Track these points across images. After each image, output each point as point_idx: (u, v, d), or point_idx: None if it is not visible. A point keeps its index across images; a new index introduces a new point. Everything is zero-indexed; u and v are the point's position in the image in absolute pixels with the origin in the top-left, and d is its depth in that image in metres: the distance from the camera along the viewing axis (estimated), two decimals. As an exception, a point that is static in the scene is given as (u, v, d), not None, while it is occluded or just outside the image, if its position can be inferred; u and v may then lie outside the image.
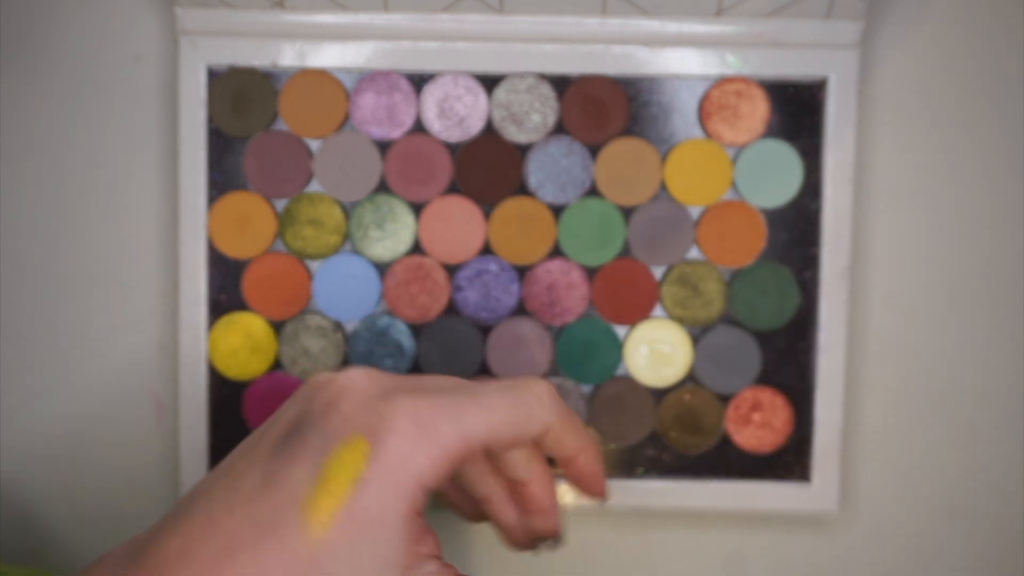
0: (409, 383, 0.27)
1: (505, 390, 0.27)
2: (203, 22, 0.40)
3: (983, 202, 0.42)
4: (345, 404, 0.25)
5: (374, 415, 0.25)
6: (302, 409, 0.26)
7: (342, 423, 0.25)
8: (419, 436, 0.25)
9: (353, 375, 0.26)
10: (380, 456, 0.24)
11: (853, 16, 0.40)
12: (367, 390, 0.26)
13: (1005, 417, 0.43)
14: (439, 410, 0.25)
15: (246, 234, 0.41)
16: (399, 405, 0.25)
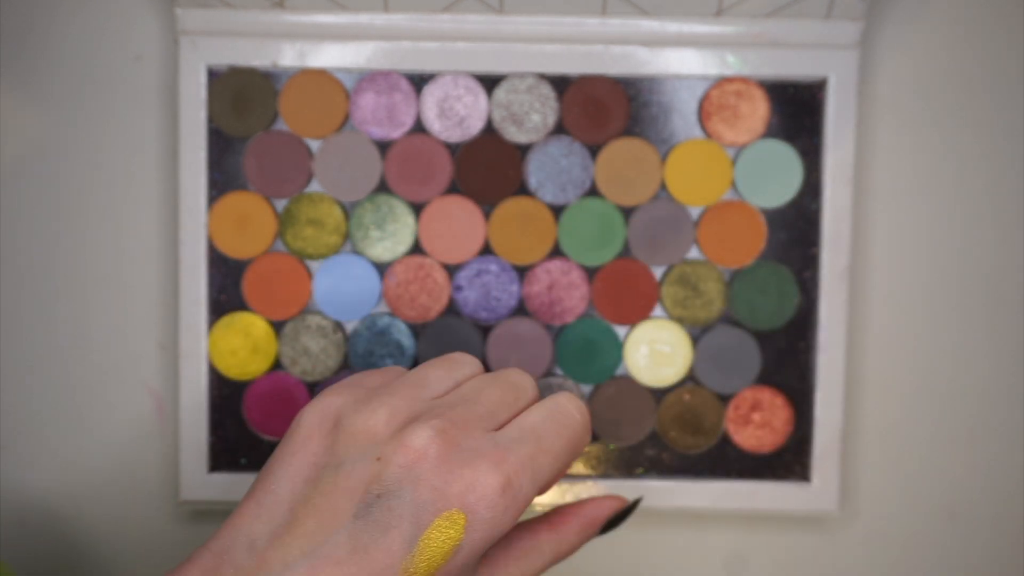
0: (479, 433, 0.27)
1: (566, 430, 0.29)
2: (203, 22, 0.40)
3: (983, 202, 0.42)
4: (430, 473, 0.26)
5: (466, 484, 0.26)
6: (375, 470, 0.26)
7: (432, 494, 0.26)
8: (509, 504, 0.26)
9: (423, 436, 0.27)
10: (475, 525, 0.26)
11: (853, 16, 0.40)
12: (447, 454, 0.26)
13: (1005, 417, 0.43)
14: (523, 473, 0.27)
15: (246, 234, 0.41)
16: (486, 471, 0.26)
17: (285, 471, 0.28)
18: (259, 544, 0.26)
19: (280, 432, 0.41)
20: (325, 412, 0.28)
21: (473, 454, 0.27)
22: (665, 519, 0.43)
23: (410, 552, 0.25)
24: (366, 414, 0.28)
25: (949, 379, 0.43)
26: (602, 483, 0.41)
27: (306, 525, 0.26)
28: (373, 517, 0.26)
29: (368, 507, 0.26)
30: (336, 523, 0.26)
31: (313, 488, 0.27)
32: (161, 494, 0.42)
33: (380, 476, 0.26)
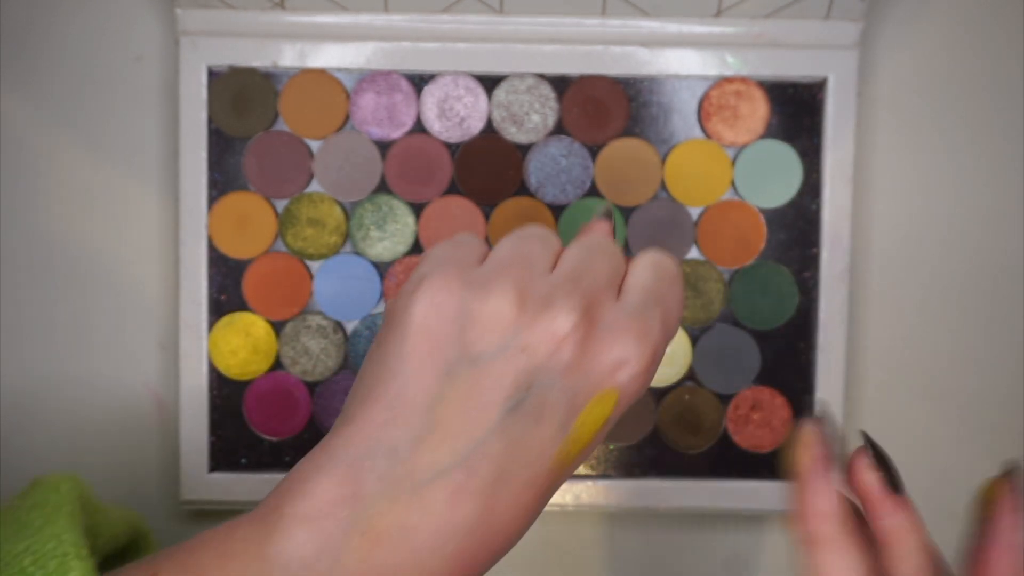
0: (611, 302, 0.27)
1: (675, 285, 0.28)
2: (203, 22, 0.40)
3: (982, 202, 0.42)
4: (579, 357, 0.25)
5: (614, 359, 0.26)
6: (523, 362, 0.25)
7: (584, 378, 0.25)
8: (653, 369, 0.26)
9: (566, 320, 0.25)
10: (624, 400, 0.26)
11: (853, 17, 0.40)
12: (592, 335, 0.26)
13: (1004, 416, 0.43)
14: (663, 340, 0.27)
15: (246, 234, 0.41)
16: (632, 346, 0.26)
17: (409, 369, 0.25)
18: (402, 450, 0.24)
19: (280, 432, 0.41)
20: (438, 301, 0.26)
21: (616, 330, 0.26)
22: (665, 519, 0.43)
23: (563, 436, 0.25)
24: (493, 301, 0.26)
25: (948, 379, 0.43)
26: (602, 483, 0.41)
27: (451, 426, 0.25)
28: (525, 410, 0.25)
29: (519, 401, 0.25)
30: (485, 420, 0.25)
31: (450, 385, 0.25)
32: (162, 494, 0.42)
33: (528, 367, 0.25)
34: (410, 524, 0.24)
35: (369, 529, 0.24)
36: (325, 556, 0.23)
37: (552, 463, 0.25)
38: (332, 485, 0.24)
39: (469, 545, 0.24)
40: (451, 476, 0.24)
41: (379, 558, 0.24)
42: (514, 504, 0.25)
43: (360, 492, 0.24)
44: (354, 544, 0.24)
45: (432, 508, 0.24)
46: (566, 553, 0.43)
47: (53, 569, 0.25)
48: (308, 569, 0.23)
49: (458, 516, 0.24)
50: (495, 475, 0.24)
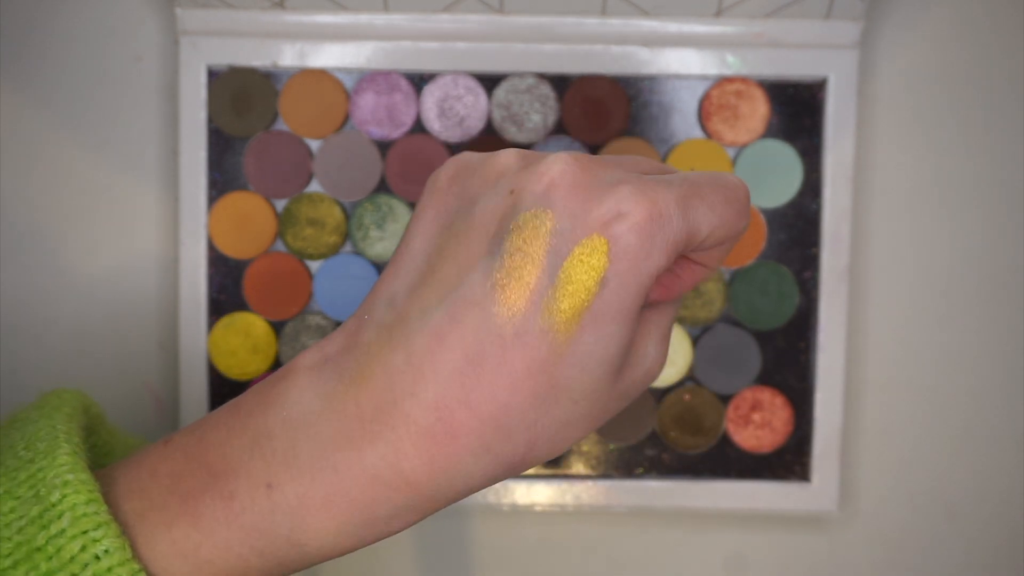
0: (622, 168, 0.25)
1: (725, 189, 0.25)
2: (203, 22, 0.40)
3: (982, 202, 0.42)
4: (567, 199, 0.24)
5: (607, 209, 0.23)
6: (509, 202, 0.24)
7: (571, 221, 0.23)
8: (656, 228, 0.23)
9: (559, 161, 0.24)
10: (620, 254, 0.23)
11: (853, 16, 0.40)
12: (584, 180, 0.24)
13: (1004, 417, 0.43)
14: (674, 204, 0.24)
15: (246, 234, 0.41)
16: (631, 197, 0.23)
17: (418, 225, 0.26)
18: (398, 299, 0.25)
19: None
20: (457, 164, 0.26)
21: (615, 181, 0.24)
22: (665, 519, 0.43)
23: (551, 285, 0.23)
24: (499, 157, 0.25)
25: (949, 379, 0.43)
26: (602, 483, 0.41)
27: (442, 271, 0.24)
28: (508, 251, 0.24)
29: (502, 242, 0.24)
30: (471, 264, 0.24)
31: (447, 234, 0.25)
32: (161, 494, 0.42)
33: (514, 207, 0.24)
34: (393, 366, 0.24)
35: (359, 373, 0.24)
36: (318, 400, 0.24)
37: (543, 322, 0.23)
38: (340, 337, 0.25)
39: (449, 396, 0.23)
40: (434, 319, 0.24)
41: (364, 400, 0.24)
42: (502, 363, 0.23)
43: (359, 340, 0.25)
44: (343, 387, 0.24)
45: (415, 351, 0.23)
46: (566, 553, 0.43)
47: (42, 449, 0.25)
48: (301, 411, 0.24)
49: (438, 361, 0.23)
50: (478, 323, 0.23)
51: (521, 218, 0.23)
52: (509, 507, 0.41)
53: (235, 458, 0.24)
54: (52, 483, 0.24)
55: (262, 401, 0.25)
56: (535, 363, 0.23)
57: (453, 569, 0.43)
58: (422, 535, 0.43)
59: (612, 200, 0.23)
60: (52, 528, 0.23)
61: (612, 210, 0.23)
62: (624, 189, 0.23)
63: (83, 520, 0.23)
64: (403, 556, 0.43)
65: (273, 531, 0.24)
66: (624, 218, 0.23)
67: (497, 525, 0.43)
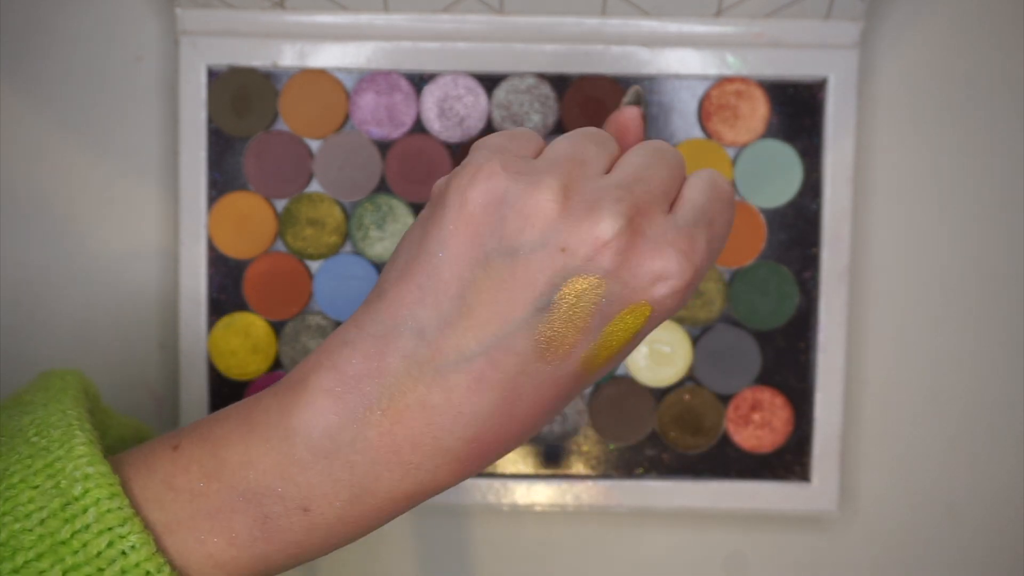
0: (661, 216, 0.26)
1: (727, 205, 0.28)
2: (203, 22, 0.40)
3: (982, 202, 0.42)
4: (619, 265, 0.25)
5: (654, 273, 0.25)
6: (560, 263, 0.25)
7: (620, 287, 0.25)
8: (690, 288, 0.26)
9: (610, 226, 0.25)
10: (659, 314, 0.26)
11: (853, 16, 0.40)
12: (635, 244, 0.25)
13: (1004, 417, 0.43)
14: (707, 261, 0.26)
15: (246, 234, 0.41)
16: (676, 263, 0.25)
17: (446, 252, 0.25)
18: (429, 332, 0.25)
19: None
20: (485, 188, 0.25)
21: (660, 243, 0.25)
22: (665, 519, 0.43)
23: (593, 342, 0.25)
24: (538, 194, 0.25)
25: (949, 379, 0.43)
26: (602, 483, 0.41)
27: (481, 314, 0.25)
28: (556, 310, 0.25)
29: (551, 300, 0.25)
30: (514, 314, 0.24)
31: (484, 274, 0.25)
32: (161, 494, 0.42)
33: (565, 268, 0.24)
34: (430, 403, 0.24)
35: (391, 405, 0.24)
36: (347, 428, 0.24)
37: (578, 367, 0.25)
38: (359, 359, 0.25)
39: (486, 431, 0.25)
40: (474, 364, 0.24)
41: (399, 433, 0.24)
42: (535, 400, 0.25)
43: (385, 368, 0.25)
44: (375, 418, 0.24)
45: (453, 392, 0.24)
46: (566, 553, 0.43)
47: (57, 437, 0.25)
48: (330, 440, 0.24)
49: (477, 403, 0.24)
50: (518, 369, 0.25)
51: (573, 283, 0.24)
52: (509, 507, 0.41)
53: (264, 483, 0.24)
54: (72, 475, 0.24)
55: (280, 423, 0.25)
56: (562, 393, 0.26)
57: (453, 569, 0.43)
58: (422, 535, 0.43)
59: (659, 266, 0.25)
60: (77, 523, 0.23)
61: (658, 275, 0.25)
62: (669, 254, 0.25)
63: (108, 516, 0.23)
64: (403, 556, 0.43)
65: (310, 542, 0.25)
66: (668, 282, 0.25)
67: (497, 525, 0.43)
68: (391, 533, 0.43)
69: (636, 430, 0.41)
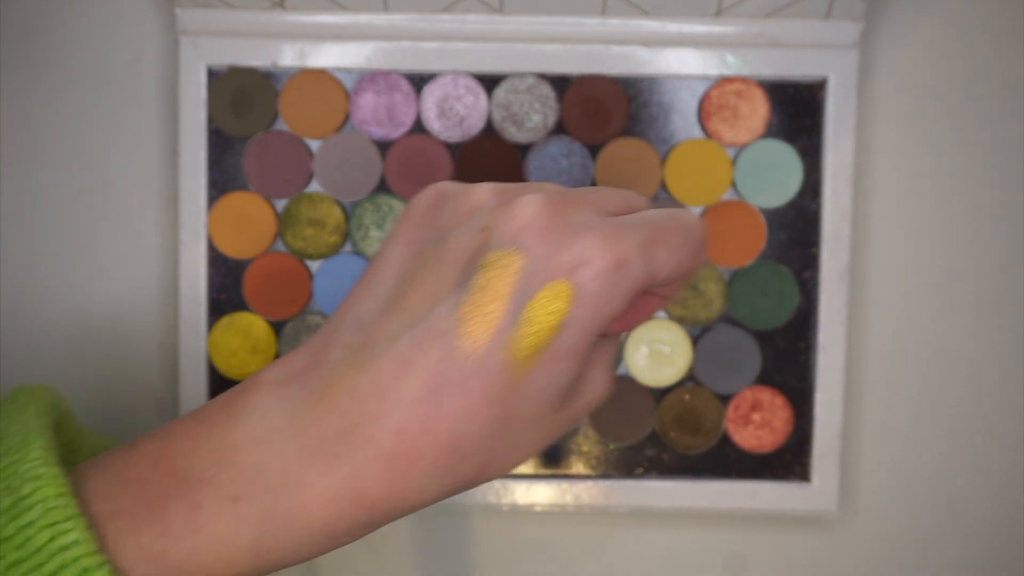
0: (590, 211, 0.26)
1: (684, 232, 0.27)
2: (203, 22, 0.40)
3: (983, 201, 0.42)
4: (537, 241, 0.25)
5: (574, 255, 0.24)
6: (481, 239, 0.25)
7: (539, 264, 0.24)
8: (618, 277, 0.25)
9: (531, 203, 0.25)
10: (582, 300, 0.24)
11: (853, 16, 0.40)
12: (554, 225, 0.25)
13: (1004, 416, 0.43)
14: (637, 252, 0.25)
15: (246, 234, 0.41)
16: (597, 244, 0.25)
17: (392, 251, 0.27)
18: (366, 321, 0.26)
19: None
20: (433, 191, 0.27)
21: (583, 226, 0.25)
22: (665, 519, 0.43)
23: (515, 324, 0.24)
24: (475, 190, 0.27)
25: (949, 379, 0.43)
26: (602, 483, 0.41)
27: (411, 299, 0.25)
28: (474, 286, 0.25)
29: (471, 277, 0.25)
30: (439, 294, 0.25)
31: (418, 263, 0.26)
32: (161, 494, 0.42)
33: (485, 244, 0.25)
34: (359, 389, 0.24)
35: (325, 392, 0.25)
36: (282, 415, 0.25)
37: (503, 355, 0.24)
38: (306, 355, 0.26)
39: (412, 423, 0.24)
40: (401, 346, 0.24)
41: (328, 420, 0.24)
42: (462, 391, 0.24)
43: (325, 359, 0.25)
44: (309, 405, 0.25)
45: (380, 375, 0.24)
46: (566, 553, 0.43)
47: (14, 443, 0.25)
48: (265, 425, 0.25)
49: (402, 388, 0.24)
50: (442, 352, 0.24)
51: (491, 256, 0.25)
52: (509, 507, 0.42)
53: (201, 468, 0.24)
54: (24, 476, 0.24)
55: (226, 413, 0.25)
56: (493, 395, 0.24)
57: (453, 569, 0.43)
58: (422, 535, 0.43)
59: (579, 246, 0.24)
60: (22, 519, 0.23)
61: (578, 256, 0.24)
62: (591, 236, 0.25)
63: (53, 512, 0.23)
64: (403, 556, 0.43)
65: (238, 541, 0.24)
66: (589, 265, 0.24)
67: (497, 525, 0.43)
68: (391, 533, 0.43)
69: (636, 430, 0.41)
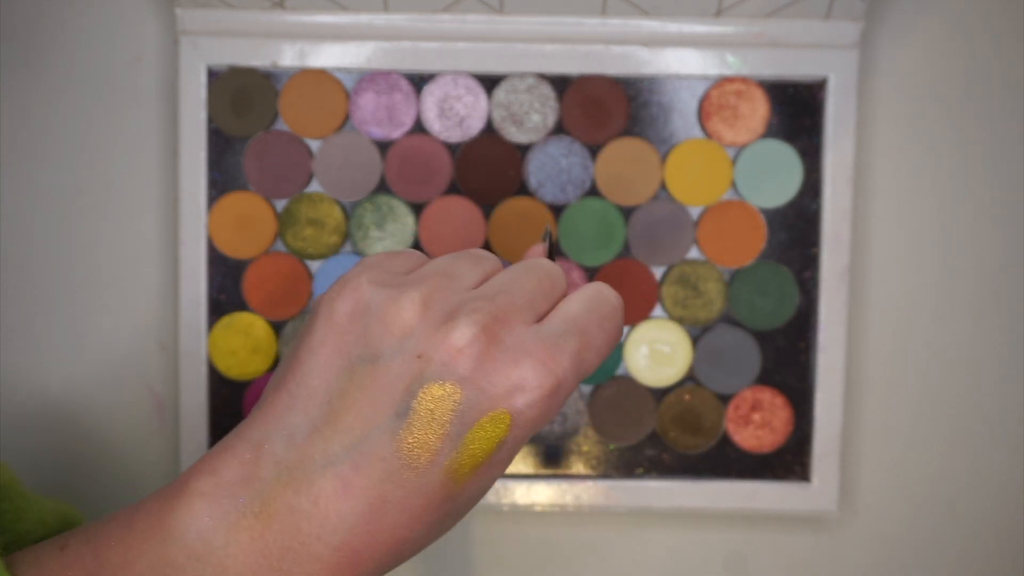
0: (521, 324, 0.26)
1: (607, 323, 0.28)
2: (203, 22, 0.40)
3: (983, 201, 0.42)
4: (475, 373, 0.25)
5: (512, 384, 0.25)
6: (417, 369, 0.25)
7: (477, 394, 0.25)
8: (555, 400, 0.26)
9: (466, 335, 0.25)
10: (520, 424, 0.25)
11: (853, 16, 0.40)
12: (489, 353, 0.25)
13: (1004, 416, 0.43)
14: (571, 371, 0.26)
15: (246, 234, 0.41)
16: (533, 372, 0.25)
17: (315, 361, 0.26)
18: (298, 437, 0.26)
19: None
20: (351, 299, 0.27)
21: (519, 352, 0.26)
22: (665, 519, 0.43)
23: (454, 450, 0.25)
24: (399, 303, 0.26)
25: (949, 379, 0.43)
26: (602, 483, 0.41)
27: (345, 420, 0.25)
28: (415, 415, 0.25)
29: (409, 407, 0.25)
30: (377, 419, 0.25)
31: (348, 380, 0.26)
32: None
33: (421, 375, 0.25)
34: (299, 509, 0.25)
35: (262, 510, 0.25)
36: (220, 532, 0.25)
37: (444, 476, 0.25)
38: (235, 465, 0.25)
39: (354, 539, 0.25)
40: (340, 468, 0.25)
41: (269, 538, 0.25)
42: (403, 510, 0.25)
43: (258, 474, 0.25)
44: (247, 523, 0.25)
45: (320, 497, 0.25)
46: (566, 553, 0.43)
47: None
48: (204, 543, 0.25)
49: (343, 509, 0.25)
50: (383, 476, 0.25)
51: (431, 390, 0.25)
52: (509, 507, 0.41)
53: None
54: None
55: (157, 526, 0.25)
56: (432, 505, 0.25)
57: (453, 569, 0.43)
58: (422, 535, 0.43)
59: (517, 374, 0.25)
60: None
61: (517, 384, 0.25)
62: (527, 363, 0.25)
63: None
64: (403, 556, 0.43)
65: None
66: (527, 393, 0.25)
67: (497, 525, 0.43)
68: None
69: (636, 430, 0.41)
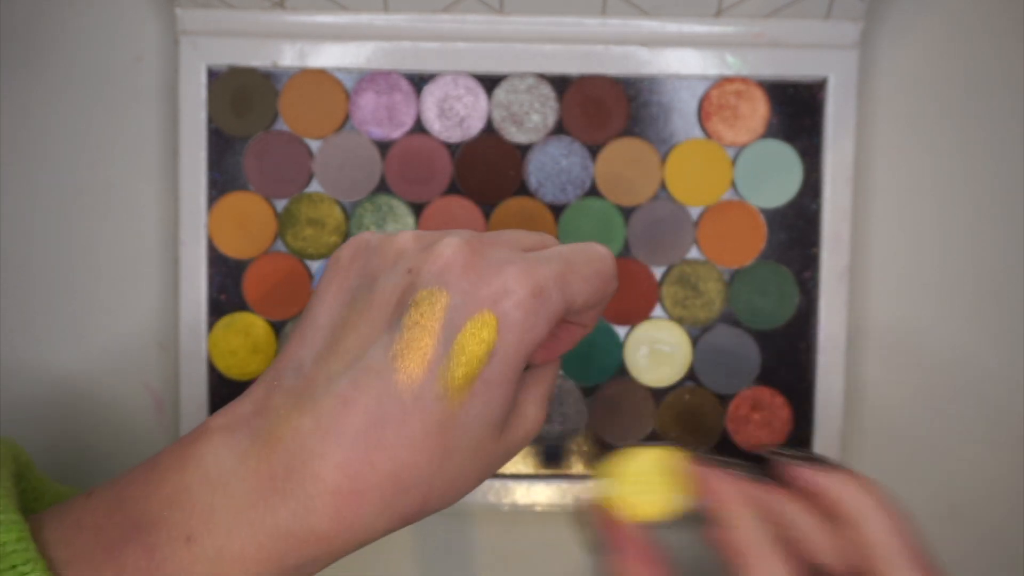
0: (506, 249, 0.28)
1: (594, 263, 0.29)
2: (203, 22, 0.40)
3: (983, 201, 0.42)
4: (460, 278, 0.26)
5: (495, 288, 0.26)
6: (407, 281, 0.27)
7: (463, 298, 0.26)
8: (539, 305, 0.27)
9: (451, 245, 0.27)
10: (507, 328, 0.26)
11: (853, 16, 0.40)
12: (474, 262, 0.27)
13: (1004, 416, 0.43)
14: (553, 282, 0.27)
15: (246, 234, 0.41)
16: (516, 276, 0.26)
17: (323, 300, 0.28)
18: (305, 366, 0.27)
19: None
20: (358, 242, 0.29)
21: (502, 262, 0.27)
22: (665, 519, 0.43)
23: (446, 357, 0.26)
24: (395, 237, 0.29)
25: (949, 378, 0.43)
26: (602, 483, 0.41)
27: (346, 342, 0.27)
28: (404, 324, 0.26)
29: (402, 316, 0.26)
30: (373, 336, 0.27)
31: (350, 309, 0.28)
32: (161, 494, 0.42)
33: (412, 285, 0.27)
34: (303, 428, 0.26)
35: (271, 434, 0.26)
36: (231, 458, 0.26)
37: (438, 384, 0.26)
38: (250, 401, 0.28)
39: (354, 457, 0.25)
40: (340, 386, 0.26)
41: (275, 460, 0.25)
42: (401, 426, 0.25)
43: (269, 405, 0.27)
44: (256, 449, 0.26)
45: (322, 415, 0.25)
46: (566, 553, 0.43)
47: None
48: (216, 467, 0.26)
49: (343, 424, 0.25)
50: (380, 391, 0.25)
51: (419, 295, 0.26)
52: (509, 507, 0.42)
53: (155, 512, 0.25)
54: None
55: (178, 459, 0.26)
56: (431, 426, 0.26)
57: (453, 569, 0.43)
58: (422, 535, 0.43)
59: (500, 279, 0.26)
60: None
61: (500, 288, 0.26)
62: (510, 269, 0.27)
63: (13, 555, 0.24)
64: (403, 556, 0.43)
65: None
66: (511, 295, 0.26)
67: (497, 525, 0.43)
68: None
69: (636, 430, 0.41)
